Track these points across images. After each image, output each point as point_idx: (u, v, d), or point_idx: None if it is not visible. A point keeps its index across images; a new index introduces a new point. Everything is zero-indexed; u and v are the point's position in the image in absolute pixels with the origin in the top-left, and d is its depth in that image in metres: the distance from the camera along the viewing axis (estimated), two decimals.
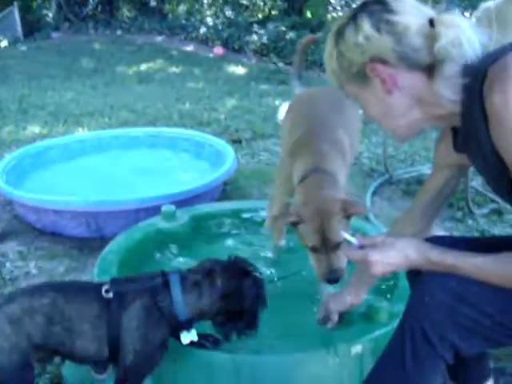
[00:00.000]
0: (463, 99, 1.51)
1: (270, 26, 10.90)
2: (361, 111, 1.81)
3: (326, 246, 2.28)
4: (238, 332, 1.97)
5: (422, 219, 1.94)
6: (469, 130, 1.55)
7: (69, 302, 1.84)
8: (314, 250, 2.31)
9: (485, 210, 3.96)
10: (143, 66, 9.72)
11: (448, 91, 1.51)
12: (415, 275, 1.64)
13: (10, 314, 1.77)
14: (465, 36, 1.48)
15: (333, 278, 2.28)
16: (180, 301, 1.89)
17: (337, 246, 2.28)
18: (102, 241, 3.29)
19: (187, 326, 1.93)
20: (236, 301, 1.92)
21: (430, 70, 1.51)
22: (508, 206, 3.80)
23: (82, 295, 1.89)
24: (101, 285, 1.91)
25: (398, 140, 1.73)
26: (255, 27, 11.40)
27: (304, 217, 2.31)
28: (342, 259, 2.29)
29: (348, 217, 2.32)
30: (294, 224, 2.36)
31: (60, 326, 1.82)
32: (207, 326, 2.01)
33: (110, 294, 1.86)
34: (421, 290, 1.60)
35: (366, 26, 1.52)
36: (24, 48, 11.74)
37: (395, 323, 1.71)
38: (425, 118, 1.61)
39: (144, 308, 1.86)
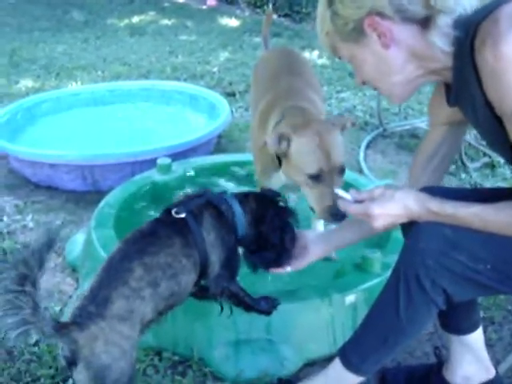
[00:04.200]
0: (455, 52, 1.53)
1: None
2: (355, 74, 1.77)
3: (331, 172, 2.03)
4: (266, 263, 2.01)
5: (423, 179, 1.91)
6: (460, 84, 1.57)
7: (156, 254, 1.76)
8: (316, 177, 2.03)
9: (477, 164, 3.99)
10: (135, 19, 9.56)
11: (442, 41, 1.52)
12: (409, 226, 1.66)
13: (120, 314, 1.65)
14: None
15: (340, 212, 1.90)
16: (241, 216, 1.95)
17: (342, 171, 2.06)
18: (98, 194, 3.32)
19: (241, 244, 1.99)
20: (263, 228, 1.97)
21: (425, 22, 1.53)
22: (500, 160, 3.83)
23: (159, 239, 1.80)
24: (162, 219, 1.89)
25: (394, 100, 1.74)
26: None
27: (302, 135, 2.05)
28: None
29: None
30: (284, 155, 2.11)
31: (165, 280, 1.75)
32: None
33: (183, 214, 1.85)
34: (415, 237, 1.63)
35: None
36: (13, 0, 11.51)
37: (388, 273, 1.74)
38: (420, 73, 1.63)
39: (213, 217, 1.91)
